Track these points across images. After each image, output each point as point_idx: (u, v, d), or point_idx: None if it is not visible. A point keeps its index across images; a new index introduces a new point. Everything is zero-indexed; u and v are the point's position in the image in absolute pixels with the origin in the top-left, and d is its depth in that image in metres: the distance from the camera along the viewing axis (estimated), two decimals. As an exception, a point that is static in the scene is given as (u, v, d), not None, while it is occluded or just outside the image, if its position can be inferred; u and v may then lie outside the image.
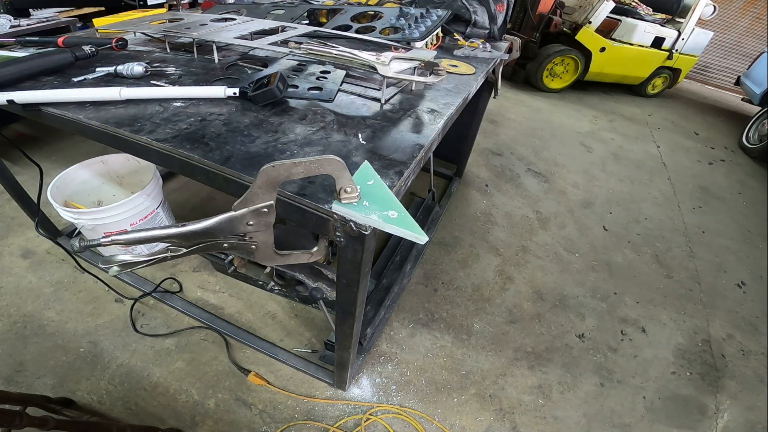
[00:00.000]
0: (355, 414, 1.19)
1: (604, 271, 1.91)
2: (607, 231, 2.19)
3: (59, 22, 1.85)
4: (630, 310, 1.72)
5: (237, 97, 0.80)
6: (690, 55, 4.29)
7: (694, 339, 1.65)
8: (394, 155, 0.69)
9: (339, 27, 1.28)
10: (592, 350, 1.52)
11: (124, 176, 1.49)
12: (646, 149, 3.36)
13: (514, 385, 1.35)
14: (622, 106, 4.31)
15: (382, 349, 1.37)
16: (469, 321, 1.53)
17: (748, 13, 5.97)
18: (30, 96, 0.72)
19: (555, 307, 1.66)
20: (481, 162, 2.62)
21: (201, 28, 1.08)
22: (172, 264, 1.53)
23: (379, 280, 1.53)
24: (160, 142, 0.64)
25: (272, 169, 0.45)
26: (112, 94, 0.73)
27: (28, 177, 1.36)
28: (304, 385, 1.23)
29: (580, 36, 3.78)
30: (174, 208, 1.58)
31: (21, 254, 1.50)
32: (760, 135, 3.72)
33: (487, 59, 1.36)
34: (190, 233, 0.49)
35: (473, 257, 1.83)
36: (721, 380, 1.51)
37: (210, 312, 1.37)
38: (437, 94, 0.99)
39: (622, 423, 1.30)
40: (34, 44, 1.03)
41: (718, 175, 3.16)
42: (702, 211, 2.58)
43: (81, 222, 1.22)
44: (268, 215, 0.50)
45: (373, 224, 0.52)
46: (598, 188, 2.60)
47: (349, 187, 0.50)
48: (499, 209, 2.19)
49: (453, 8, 1.48)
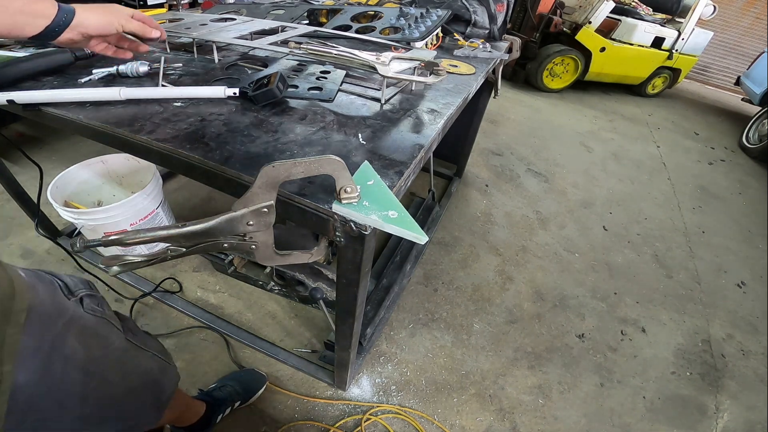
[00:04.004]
0: (355, 414, 1.19)
1: (604, 271, 1.91)
2: (607, 231, 2.19)
3: (59, 22, 1.85)
4: (630, 310, 1.72)
5: (237, 97, 0.80)
6: (690, 55, 4.29)
7: (694, 339, 1.65)
8: (394, 155, 0.69)
9: (339, 27, 1.28)
10: (592, 350, 1.52)
11: (124, 176, 1.49)
12: (646, 149, 3.36)
13: (514, 385, 1.35)
14: (622, 106, 4.31)
15: (382, 349, 1.37)
16: (469, 321, 1.53)
17: (748, 13, 5.97)
18: (30, 96, 0.72)
19: (555, 307, 1.66)
20: (481, 162, 2.62)
21: (201, 28, 1.08)
22: (172, 264, 1.53)
23: (379, 280, 1.53)
24: (160, 142, 0.64)
25: (272, 169, 0.45)
26: (112, 94, 0.73)
27: (28, 177, 1.36)
28: (304, 385, 1.23)
29: (580, 36, 3.79)
30: (174, 208, 1.58)
31: (21, 254, 1.50)
32: (760, 135, 3.72)
33: (487, 59, 1.36)
34: (190, 233, 0.48)
35: (473, 257, 1.83)
36: (721, 380, 1.51)
37: (210, 312, 1.37)
38: (437, 94, 0.99)
39: (622, 423, 1.30)
40: (34, 44, 1.03)
41: (718, 175, 3.16)
42: (702, 211, 2.58)
43: (81, 222, 1.22)
44: (268, 215, 0.50)
45: (373, 224, 0.52)
46: (598, 188, 2.60)
47: (349, 187, 0.50)
48: (499, 209, 2.19)
49: (453, 8, 1.48)
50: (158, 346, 0.75)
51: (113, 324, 0.59)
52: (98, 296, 0.59)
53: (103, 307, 0.59)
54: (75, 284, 0.56)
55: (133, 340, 0.64)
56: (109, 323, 0.58)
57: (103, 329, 0.56)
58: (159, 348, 0.75)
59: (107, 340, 0.56)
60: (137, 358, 0.64)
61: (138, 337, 0.67)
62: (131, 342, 0.63)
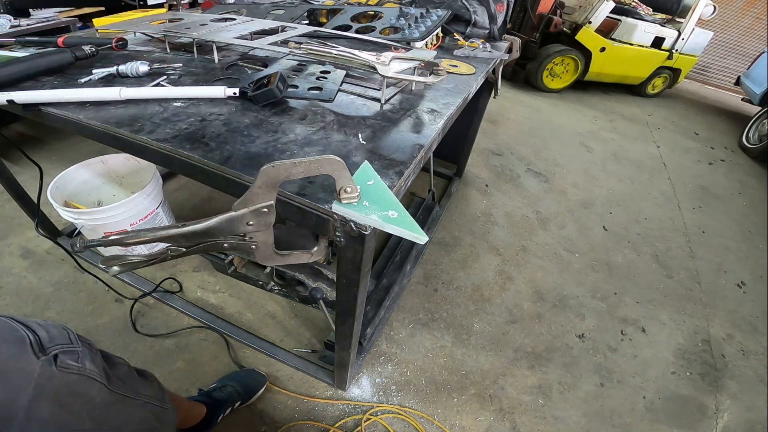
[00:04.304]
0: (355, 414, 1.19)
1: (604, 271, 1.91)
2: (607, 231, 2.19)
3: (59, 22, 1.85)
4: (630, 310, 1.72)
5: (237, 97, 0.80)
6: (690, 55, 4.29)
7: (694, 339, 1.65)
8: (394, 155, 0.69)
9: (339, 27, 1.28)
10: (592, 350, 1.52)
11: (124, 176, 1.49)
12: (646, 149, 3.36)
13: (514, 385, 1.35)
14: (622, 106, 4.31)
15: (382, 349, 1.37)
16: (469, 321, 1.53)
17: (748, 13, 5.97)
18: (30, 96, 0.72)
19: (555, 307, 1.66)
20: (481, 162, 2.62)
21: (201, 28, 1.08)
22: (172, 264, 1.53)
23: (379, 280, 1.53)
24: (160, 142, 0.64)
25: (272, 169, 0.45)
26: (112, 94, 0.73)
27: (28, 177, 1.36)
28: (304, 385, 1.23)
29: (580, 36, 3.79)
30: (174, 208, 1.58)
31: (21, 254, 1.50)
32: (760, 135, 3.72)
33: (487, 59, 1.36)
34: (190, 233, 0.48)
35: (473, 257, 1.83)
36: (721, 380, 1.51)
37: (210, 312, 1.37)
38: (437, 94, 0.99)
39: (622, 423, 1.30)
40: (34, 44, 1.03)
41: (718, 175, 3.16)
42: (702, 211, 2.58)
43: (81, 222, 1.22)
44: (268, 215, 0.50)
45: (373, 224, 0.52)
46: (598, 188, 2.60)
47: (349, 187, 0.50)
48: (499, 209, 2.19)
49: (453, 8, 1.48)
50: (152, 390, 0.72)
51: (94, 378, 0.55)
52: (77, 349, 0.55)
53: (84, 360, 0.54)
54: (51, 338, 0.52)
55: (121, 390, 0.60)
56: (89, 379, 0.54)
57: (82, 386, 0.53)
58: (153, 392, 0.71)
59: (87, 396, 0.53)
60: (126, 411, 0.61)
61: (128, 385, 0.63)
62: (118, 393, 0.59)
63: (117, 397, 0.59)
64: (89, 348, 0.58)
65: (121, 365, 0.66)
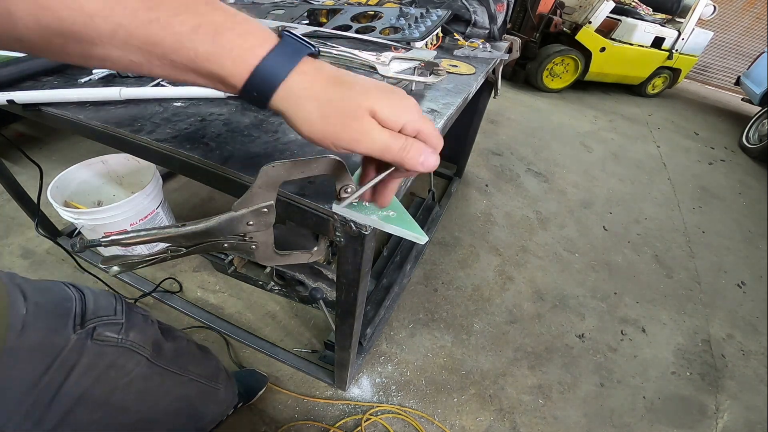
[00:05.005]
0: (355, 414, 1.19)
1: (604, 271, 1.91)
2: (607, 231, 2.19)
3: (59, 22, 1.85)
4: (630, 310, 1.72)
5: (237, 97, 0.80)
6: (690, 55, 4.29)
7: (694, 339, 1.65)
8: (394, 155, 0.69)
9: (339, 27, 1.28)
10: (592, 350, 1.52)
11: (124, 176, 1.49)
12: (646, 149, 3.36)
13: (514, 385, 1.35)
14: (622, 106, 4.31)
15: (382, 349, 1.37)
16: (469, 321, 1.53)
17: (748, 13, 5.97)
18: (30, 96, 0.72)
19: (555, 307, 1.66)
20: (481, 162, 2.62)
21: (201, 28, 1.08)
22: (172, 264, 1.53)
23: (379, 280, 1.53)
24: (160, 142, 0.64)
25: (272, 169, 0.45)
26: (112, 94, 0.73)
27: (28, 177, 1.36)
28: (304, 385, 1.23)
29: (580, 36, 3.79)
30: (174, 208, 1.58)
31: (21, 254, 1.50)
32: (760, 135, 3.72)
33: (487, 59, 1.36)
34: (190, 233, 0.48)
35: (473, 257, 1.83)
36: (721, 380, 1.51)
37: (210, 312, 1.37)
38: (437, 94, 0.99)
39: (622, 423, 1.30)
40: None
41: (718, 175, 3.16)
42: (702, 211, 2.58)
43: (81, 222, 1.22)
44: (268, 215, 0.50)
45: (373, 224, 0.52)
46: (598, 188, 2.60)
47: (350, 187, 0.50)
48: (499, 209, 2.19)
49: (453, 8, 1.48)
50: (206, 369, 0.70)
51: (134, 350, 0.55)
52: (120, 321, 0.54)
53: (129, 331, 0.54)
54: (96, 309, 0.52)
55: (165, 365, 0.60)
56: (129, 350, 0.54)
57: (118, 358, 0.53)
58: (206, 371, 0.69)
59: (123, 369, 0.54)
60: (164, 386, 0.61)
61: (178, 361, 0.62)
62: (160, 367, 0.59)
63: (157, 370, 0.59)
64: (143, 319, 0.57)
65: (180, 339, 0.65)
